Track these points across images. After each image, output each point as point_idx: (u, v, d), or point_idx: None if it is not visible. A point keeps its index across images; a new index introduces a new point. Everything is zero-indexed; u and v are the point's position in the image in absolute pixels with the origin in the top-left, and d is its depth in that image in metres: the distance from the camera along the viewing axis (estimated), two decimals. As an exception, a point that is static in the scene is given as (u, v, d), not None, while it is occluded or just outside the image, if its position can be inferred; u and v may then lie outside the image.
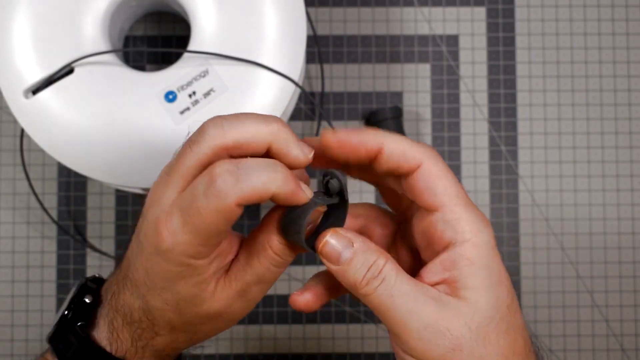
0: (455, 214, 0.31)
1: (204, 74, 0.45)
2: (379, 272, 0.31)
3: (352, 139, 0.31)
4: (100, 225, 0.53)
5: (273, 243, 0.32)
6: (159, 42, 0.53)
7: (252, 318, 0.52)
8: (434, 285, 0.32)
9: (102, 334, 0.35)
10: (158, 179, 0.33)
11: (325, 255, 0.32)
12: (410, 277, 0.31)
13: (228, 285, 0.33)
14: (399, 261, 0.33)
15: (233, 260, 0.34)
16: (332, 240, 0.31)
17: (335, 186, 0.32)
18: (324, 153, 0.32)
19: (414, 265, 0.35)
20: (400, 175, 0.32)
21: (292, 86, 0.45)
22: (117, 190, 0.53)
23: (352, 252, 0.31)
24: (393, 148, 0.31)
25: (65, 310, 0.36)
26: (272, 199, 0.31)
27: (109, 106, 0.44)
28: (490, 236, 0.31)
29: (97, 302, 0.36)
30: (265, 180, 0.30)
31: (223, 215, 0.30)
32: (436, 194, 0.31)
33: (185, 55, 0.45)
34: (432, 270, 0.32)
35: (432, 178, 0.31)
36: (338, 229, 0.32)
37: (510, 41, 0.54)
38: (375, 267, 0.31)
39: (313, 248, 0.32)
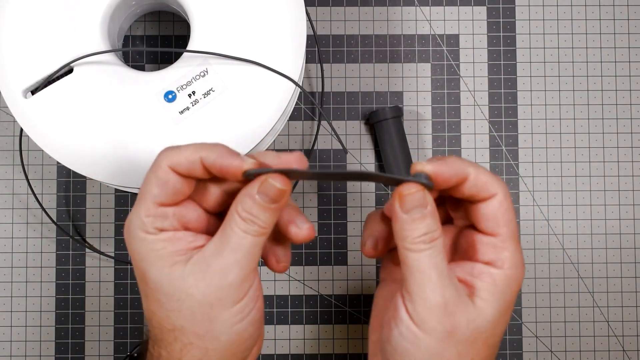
0: (505, 245, 0.36)
1: (204, 73, 0.45)
2: (431, 240, 0.34)
3: (444, 172, 0.35)
4: (100, 225, 0.53)
5: (243, 200, 0.35)
6: (158, 41, 0.53)
7: (252, 319, 0.52)
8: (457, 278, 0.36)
9: None
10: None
11: (404, 202, 0.34)
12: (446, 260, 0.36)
13: (199, 262, 0.34)
14: None
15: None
16: (417, 195, 0.34)
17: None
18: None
19: None
20: (471, 201, 0.37)
21: (292, 86, 0.45)
22: (117, 190, 0.53)
23: (424, 213, 0.34)
24: (477, 179, 0.36)
25: None
26: (209, 167, 0.35)
27: (108, 106, 0.44)
28: (521, 277, 0.36)
29: None
30: (195, 147, 0.35)
31: (155, 175, 0.35)
32: (499, 224, 0.36)
33: (185, 54, 0.45)
34: (462, 269, 0.36)
35: (501, 210, 0.36)
36: (425, 189, 0.35)
37: (511, 41, 0.54)
38: (431, 234, 0.34)
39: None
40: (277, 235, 0.38)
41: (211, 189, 0.37)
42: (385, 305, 0.38)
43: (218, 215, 0.38)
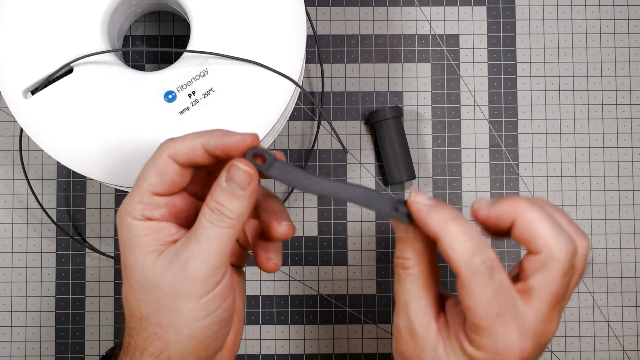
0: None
1: (204, 73, 0.45)
2: (407, 267, 0.35)
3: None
4: (100, 225, 0.52)
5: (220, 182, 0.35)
6: (158, 41, 0.53)
7: (252, 318, 0.52)
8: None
9: None
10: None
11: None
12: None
13: (169, 254, 0.35)
14: None
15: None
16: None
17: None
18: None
19: None
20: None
21: (292, 86, 0.45)
22: (117, 190, 0.53)
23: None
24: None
25: None
26: (212, 151, 0.35)
27: (108, 106, 0.44)
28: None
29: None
30: (195, 134, 0.36)
31: (154, 164, 0.35)
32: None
33: (185, 54, 0.45)
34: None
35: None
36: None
37: (511, 41, 0.54)
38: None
39: None
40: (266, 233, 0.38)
41: (207, 180, 0.37)
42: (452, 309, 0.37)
43: None
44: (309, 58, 0.53)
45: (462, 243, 0.33)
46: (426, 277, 0.35)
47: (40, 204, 0.51)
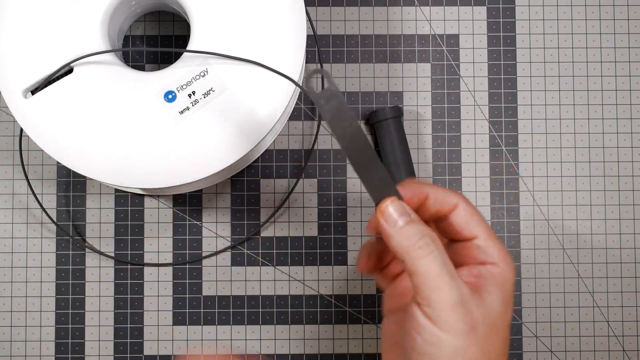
0: (487, 242, 0.38)
1: (204, 73, 0.45)
2: (431, 243, 0.36)
3: (405, 195, 0.38)
4: (100, 225, 0.53)
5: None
6: (158, 41, 0.53)
7: (252, 318, 0.52)
8: None
9: None
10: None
11: (385, 214, 0.37)
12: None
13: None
14: None
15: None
16: (394, 204, 0.37)
17: None
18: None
19: None
20: (440, 217, 0.39)
21: (292, 86, 0.45)
22: (117, 190, 0.53)
23: (407, 220, 0.37)
24: (436, 195, 0.38)
25: None
26: None
27: (108, 106, 0.44)
28: (513, 268, 0.38)
29: None
30: None
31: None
32: (474, 226, 0.38)
33: (185, 54, 0.45)
34: (462, 274, 0.38)
35: (469, 214, 0.38)
36: (396, 199, 0.37)
37: (511, 41, 0.54)
38: (427, 237, 0.36)
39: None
40: None
41: None
42: (395, 329, 0.40)
43: None
44: (309, 58, 0.53)
45: (441, 188, 0.39)
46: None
47: (40, 204, 0.51)
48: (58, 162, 0.51)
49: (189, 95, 0.44)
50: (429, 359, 0.36)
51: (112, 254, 0.52)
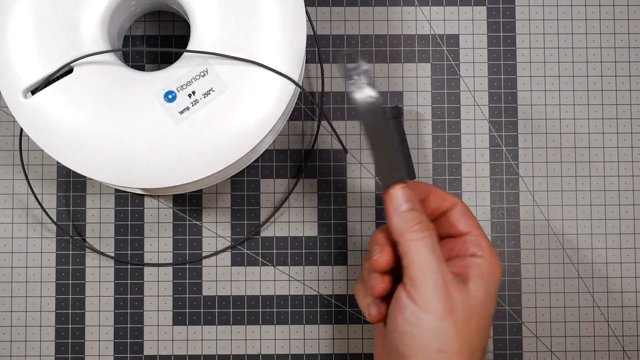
0: (479, 239, 0.42)
1: (204, 73, 0.45)
2: (425, 229, 0.40)
3: (439, 192, 0.44)
4: (100, 225, 0.53)
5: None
6: (158, 41, 0.53)
7: (252, 318, 0.52)
8: None
9: None
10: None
11: (393, 199, 0.40)
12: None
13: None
14: None
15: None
16: (402, 191, 0.41)
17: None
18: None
19: None
20: (439, 214, 0.43)
21: (292, 86, 0.45)
22: (117, 190, 0.53)
23: (411, 206, 0.40)
24: (437, 193, 0.43)
25: None
26: None
27: (108, 106, 0.44)
28: (499, 264, 0.42)
29: None
30: None
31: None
32: (469, 223, 0.43)
33: (185, 54, 0.45)
34: (453, 264, 0.42)
35: (466, 212, 0.43)
36: (407, 186, 0.41)
37: (511, 41, 0.54)
38: (424, 224, 0.40)
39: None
40: None
41: None
42: (382, 326, 0.44)
43: None
44: (309, 58, 0.53)
45: (440, 189, 0.44)
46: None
47: (40, 204, 0.51)
48: (58, 162, 0.51)
49: (189, 95, 0.44)
50: (408, 338, 0.38)
51: (112, 254, 0.52)
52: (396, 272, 0.42)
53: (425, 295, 0.38)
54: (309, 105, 0.53)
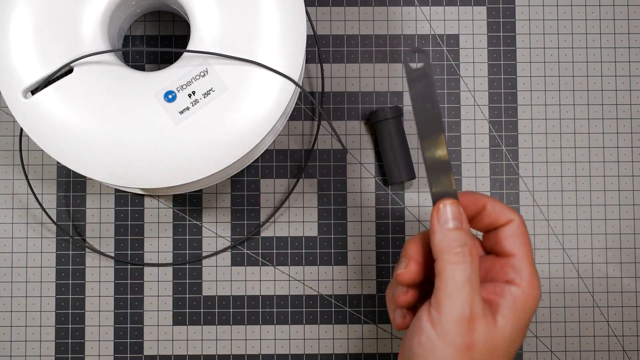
0: (522, 264, 0.39)
1: (204, 73, 0.45)
2: (468, 254, 0.37)
3: (464, 201, 0.39)
4: (100, 225, 0.53)
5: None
6: (158, 41, 0.53)
7: (252, 318, 0.52)
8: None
9: None
10: None
11: (440, 214, 0.38)
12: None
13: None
14: None
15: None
16: (452, 206, 0.38)
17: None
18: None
19: None
20: (491, 229, 0.40)
21: (292, 86, 0.45)
22: (117, 190, 0.53)
23: (457, 225, 0.38)
24: (494, 207, 0.39)
25: None
26: None
27: (108, 106, 0.44)
28: (538, 296, 0.39)
29: None
30: None
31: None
32: (517, 244, 0.39)
33: (185, 54, 0.45)
34: (486, 289, 0.39)
35: (518, 232, 0.39)
36: (457, 202, 0.38)
37: (511, 41, 0.54)
38: (466, 248, 0.37)
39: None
40: None
41: None
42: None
43: None
44: (309, 58, 0.53)
45: (502, 203, 0.40)
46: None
47: (40, 204, 0.51)
48: (58, 162, 0.51)
49: (189, 95, 0.44)
50: None
51: (112, 254, 0.52)
52: (427, 284, 0.40)
53: (446, 324, 0.36)
54: (309, 105, 0.53)
